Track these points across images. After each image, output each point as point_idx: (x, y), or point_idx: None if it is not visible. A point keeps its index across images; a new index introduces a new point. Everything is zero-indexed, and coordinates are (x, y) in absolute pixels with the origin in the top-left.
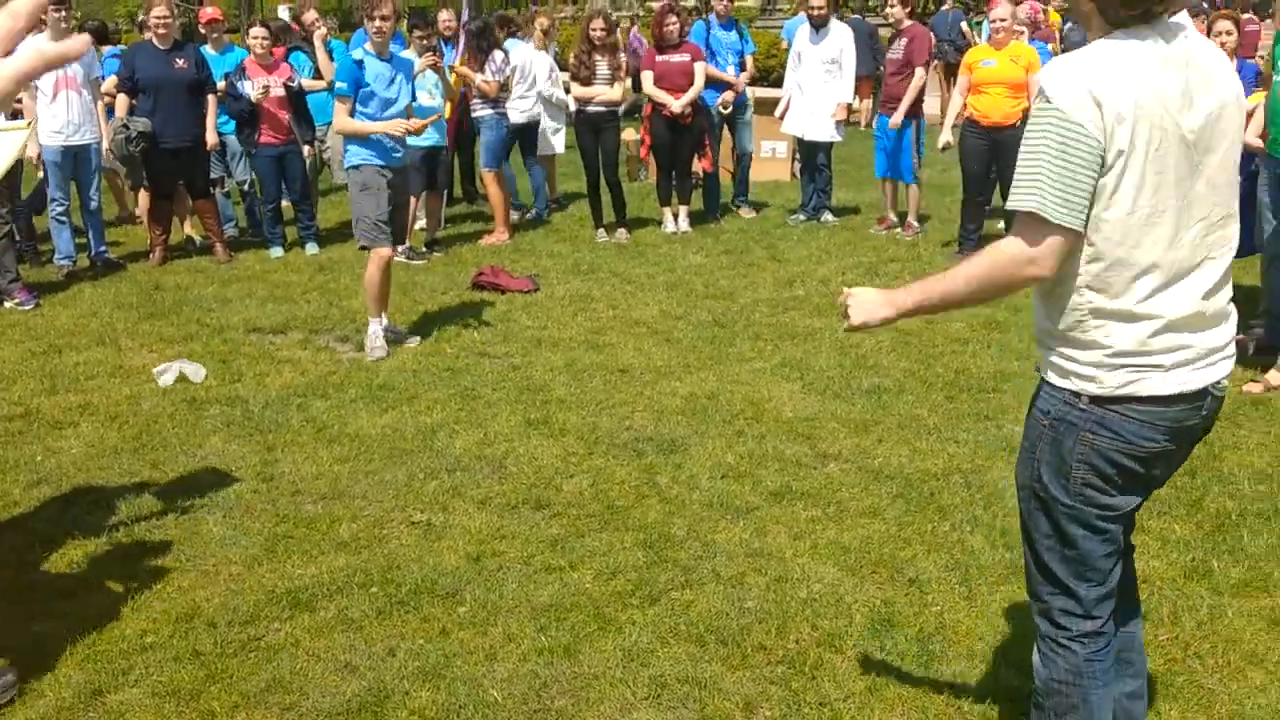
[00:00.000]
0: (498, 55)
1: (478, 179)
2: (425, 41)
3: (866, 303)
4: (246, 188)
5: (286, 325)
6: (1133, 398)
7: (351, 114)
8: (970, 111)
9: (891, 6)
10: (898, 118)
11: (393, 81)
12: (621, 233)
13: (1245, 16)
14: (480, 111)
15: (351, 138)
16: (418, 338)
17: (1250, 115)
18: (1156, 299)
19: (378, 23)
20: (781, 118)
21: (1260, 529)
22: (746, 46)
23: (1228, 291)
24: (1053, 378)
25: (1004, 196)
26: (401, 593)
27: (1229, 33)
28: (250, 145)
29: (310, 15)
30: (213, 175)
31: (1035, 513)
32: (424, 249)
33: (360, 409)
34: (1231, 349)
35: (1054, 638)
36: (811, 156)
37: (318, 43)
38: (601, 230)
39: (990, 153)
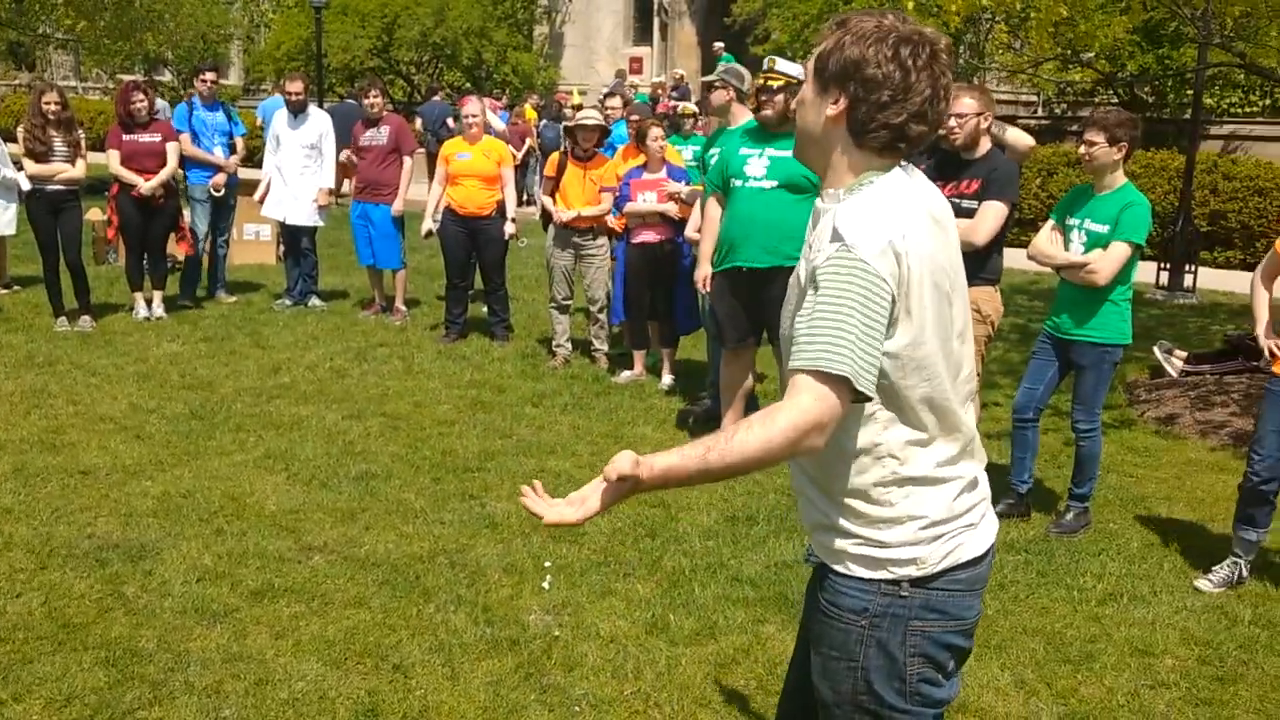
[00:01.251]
0: None
1: None
2: None
3: (560, 511)
4: None
5: None
6: (955, 566)
7: None
8: (449, 201)
9: (374, 97)
10: (399, 205)
11: None
12: (85, 320)
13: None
14: None
15: None
16: None
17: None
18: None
19: None
20: (261, 201)
21: (708, 581)
22: (236, 128)
23: None
24: (858, 570)
25: (485, 283)
26: None
27: (660, 139)
28: None
29: None
30: None
31: None
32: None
33: None
34: None
35: None
36: (295, 240)
37: None
38: (62, 318)
39: (470, 241)
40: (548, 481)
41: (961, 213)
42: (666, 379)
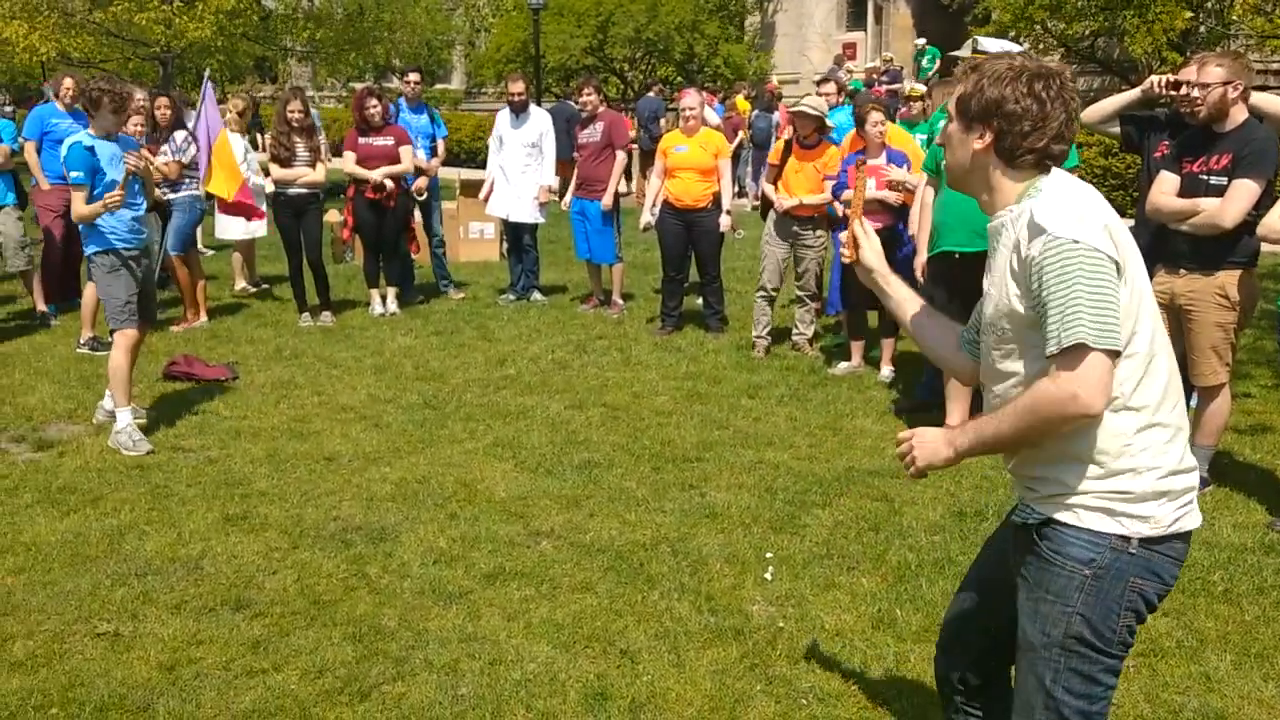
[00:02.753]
0: (178, 135)
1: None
2: None
3: (929, 444)
4: None
5: None
6: (1177, 535)
7: (86, 201)
8: (666, 194)
9: (587, 95)
10: (608, 199)
11: (118, 160)
12: (326, 315)
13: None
14: (173, 194)
15: (93, 224)
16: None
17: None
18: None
19: (134, 119)
20: (485, 200)
21: (935, 577)
22: (439, 130)
23: None
24: (1092, 521)
25: (700, 275)
26: (85, 711)
27: (879, 124)
28: None
29: None
30: None
31: (1067, 672)
32: (110, 338)
33: (37, 514)
34: None
35: None
36: (517, 237)
37: None
38: (305, 314)
39: (686, 234)
40: (766, 473)
41: (1210, 190)
42: (886, 370)
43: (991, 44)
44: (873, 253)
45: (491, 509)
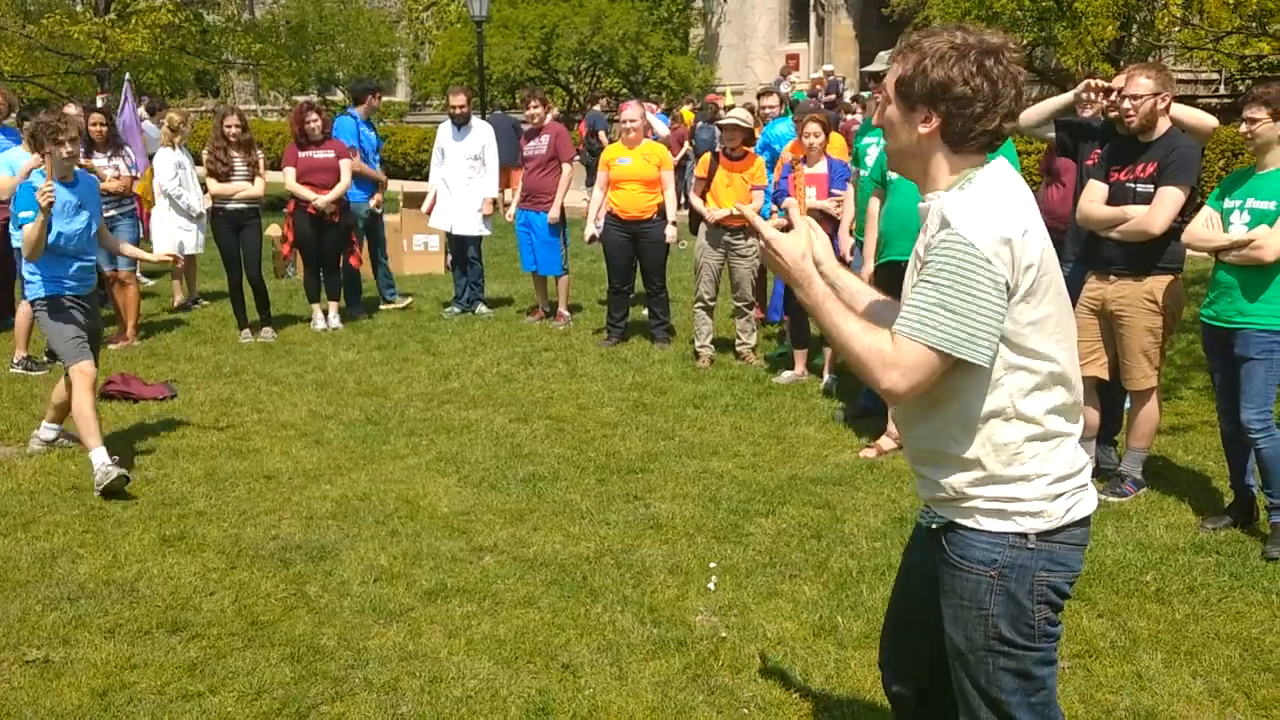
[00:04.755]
0: (131, 150)
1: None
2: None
3: (792, 252)
4: None
5: None
6: (1073, 523)
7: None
8: (611, 206)
9: (534, 108)
10: (555, 212)
11: (78, 210)
12: (267, 331)
13: (852, 117)
14: (111, 211)
15: (37, 270)
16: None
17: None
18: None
19: (67, 148)
20: (429, 213)
21: (877, 583)
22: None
23: None
24: (989, 524)
25: (646, 286)
26: None
27: (816, 135)
28: None
29: None
30: None
31: (999, 672)
32: (44, 358)
33: None
34: None
35: None
36: (462, 250)
37: None
38: (246, 330)
39: (631, 245)
40: (711, 483)
41: (1138, 198)
42: (828, 378)
43: None
44: (820, 248)
45: (434, 525)
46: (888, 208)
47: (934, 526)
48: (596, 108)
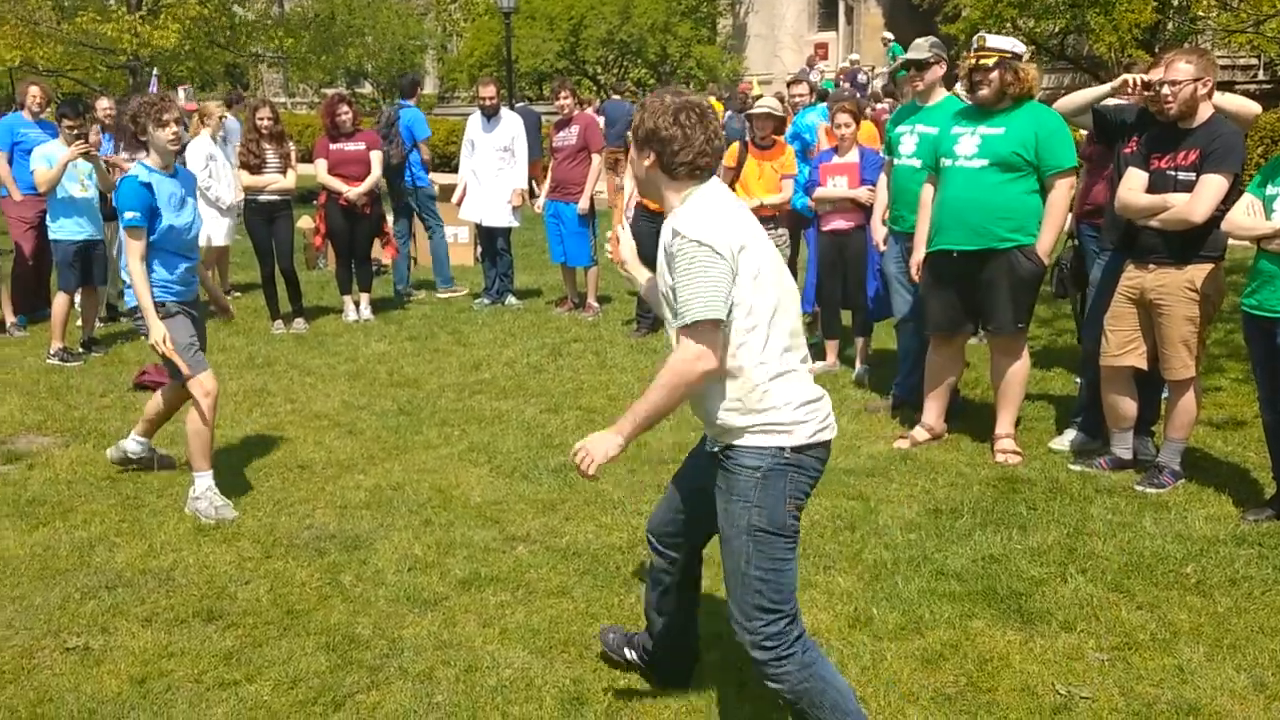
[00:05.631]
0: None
1: None
2: (75, 130)
3: (598, 444)
4: None
5: None
6: (818, 444)
7: (147, 248)
8: (640, 197)
9: (563, 98)
10: (584, 203)
11: (184, 202)
12: (299, 322)
13: (882, 106)
14: None
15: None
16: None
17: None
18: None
19: (171, 129)
20: (459, 204)
21: (912, 575)
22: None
23: None
24: (757, 442)
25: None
26: None
27: (847, 124)
28: None
29: None
30: None
31: (757, 552)
32: (80, 349)
33: (6, 528)
34: None
35: (776, 656)
36: (491, 241)
37: None
38: (278, 321)
39: (659, 236)
40: None
41: (1179, 186)
42: (860, 368)
43: (996, 40)
44: (628, 249)
45: (467, 515)
46: (941, 196)
47: (714, 450)
48: (616, 97)
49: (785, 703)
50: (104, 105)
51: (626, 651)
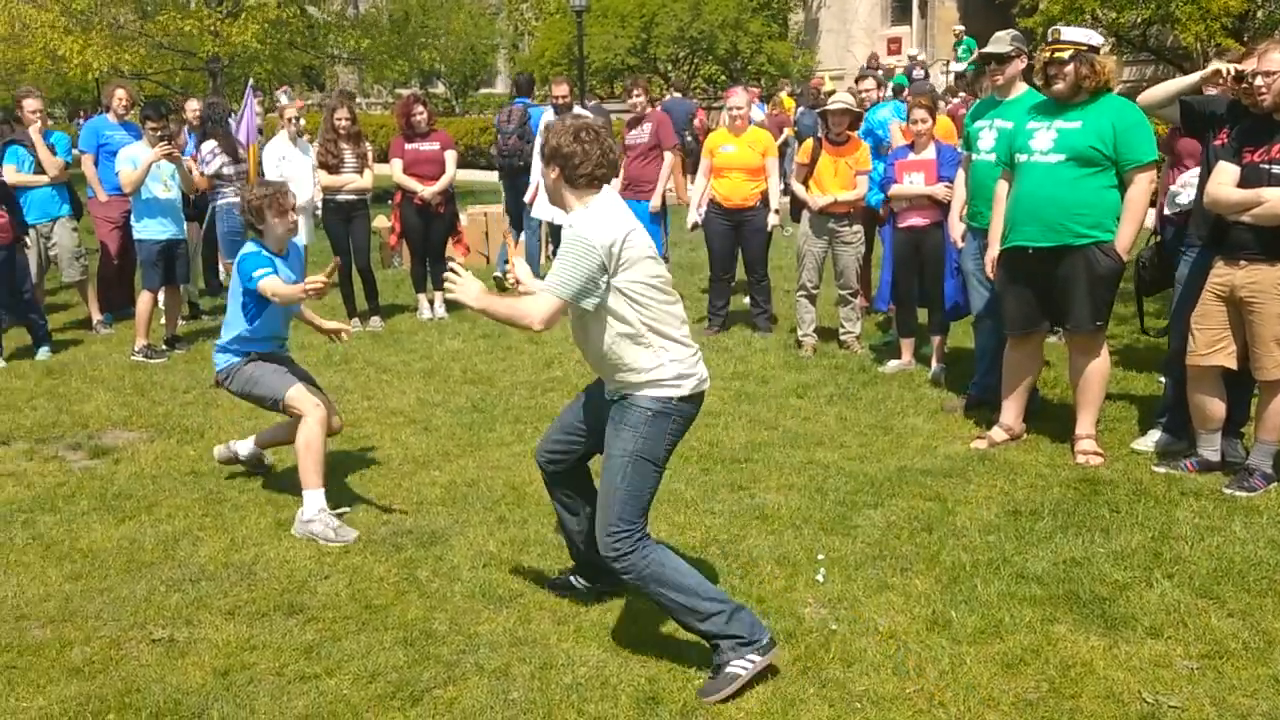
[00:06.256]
0: (205, 147)
1: (221, 271)
2: (158, 132)
3: (470, 288)
4: None
5: (9, 435)
6: (696, 395)
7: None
8: (713, 194)
9: (636, 95)
10: (656, 200)
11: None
12: (375, 320)
13: (957, 100)
14: (213, 203)
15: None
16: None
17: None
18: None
19: (291, 218)
20: (531, 203)
21: (991, 578)
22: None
23: None
24: (649, 393)
25: (747, 274)
26: (141, 717)
27: (924, 120)
28: None
29: (31, 104)
30: None
31: (636, 475)
32: (164, 346)
33: (94, 521)
34: None
35: (628, 552)
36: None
37: (35, 135)
38: (355, 319)
39: (733, 234)
40: (816, 474)
41: (1273, 180)
42: (936, 367)
43: (1071, 32)
44: (522, 269)
45: (540, 512)
46: (1015, 193)
47: (614, 399)
48: (676, 95)
49: (636, 587)
50: (192, 107)
51: (572, 579)
